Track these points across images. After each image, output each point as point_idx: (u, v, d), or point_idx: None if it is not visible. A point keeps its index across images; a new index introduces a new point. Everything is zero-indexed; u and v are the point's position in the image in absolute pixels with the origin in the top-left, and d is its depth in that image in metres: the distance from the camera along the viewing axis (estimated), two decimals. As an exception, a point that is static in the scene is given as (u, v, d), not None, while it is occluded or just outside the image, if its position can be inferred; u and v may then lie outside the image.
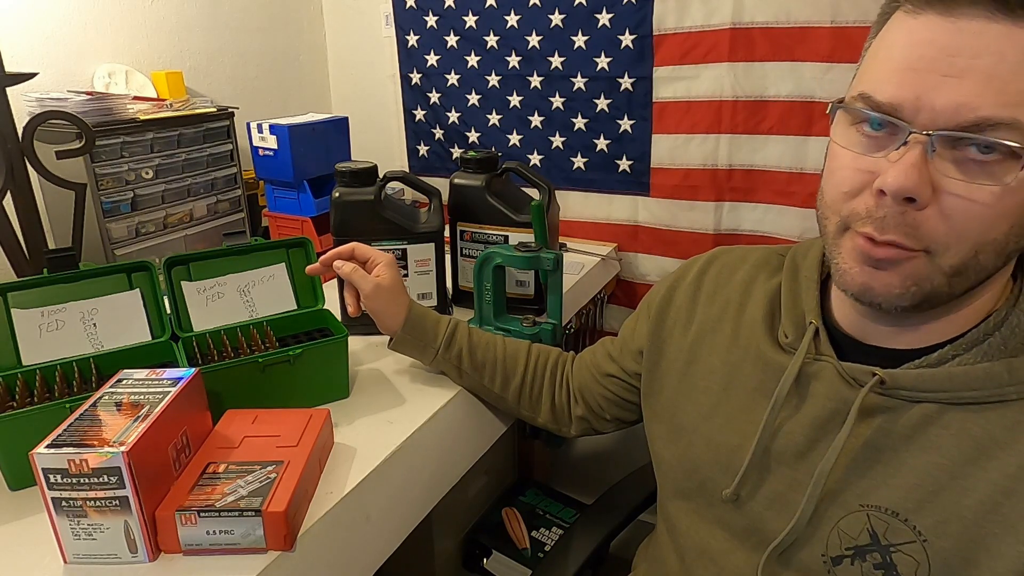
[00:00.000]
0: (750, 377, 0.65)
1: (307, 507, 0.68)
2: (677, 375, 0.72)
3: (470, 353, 0.89)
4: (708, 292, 0.73)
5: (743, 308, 0.69)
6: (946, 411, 0.53)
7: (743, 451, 0.62)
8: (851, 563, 0.54)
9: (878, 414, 0.55)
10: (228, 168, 1.66)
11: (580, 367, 0.89)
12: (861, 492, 0.55)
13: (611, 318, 1.69)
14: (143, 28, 1.61)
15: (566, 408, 0.89)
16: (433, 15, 1.67)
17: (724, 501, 0.63)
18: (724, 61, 1.36)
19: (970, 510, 0.50)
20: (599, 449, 1.80)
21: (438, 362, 0.91)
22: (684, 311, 0.74)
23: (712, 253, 0.77)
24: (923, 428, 0.53)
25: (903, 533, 0.52)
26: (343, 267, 0.88)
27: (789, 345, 0.62)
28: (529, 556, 1.41)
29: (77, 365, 0.80)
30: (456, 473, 0.92)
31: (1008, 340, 0.51)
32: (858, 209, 0.51)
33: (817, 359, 0.60)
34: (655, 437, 0.75)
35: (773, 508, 0.60)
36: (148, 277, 0.89)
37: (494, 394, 0.91)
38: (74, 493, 0.58)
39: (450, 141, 1.77)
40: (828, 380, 0.58)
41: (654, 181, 1.52)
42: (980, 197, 0.46)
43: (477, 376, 0.90)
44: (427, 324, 0.90)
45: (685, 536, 0.69)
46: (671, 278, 0.78)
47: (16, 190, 1.11)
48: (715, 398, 0.67)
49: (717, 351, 0.69)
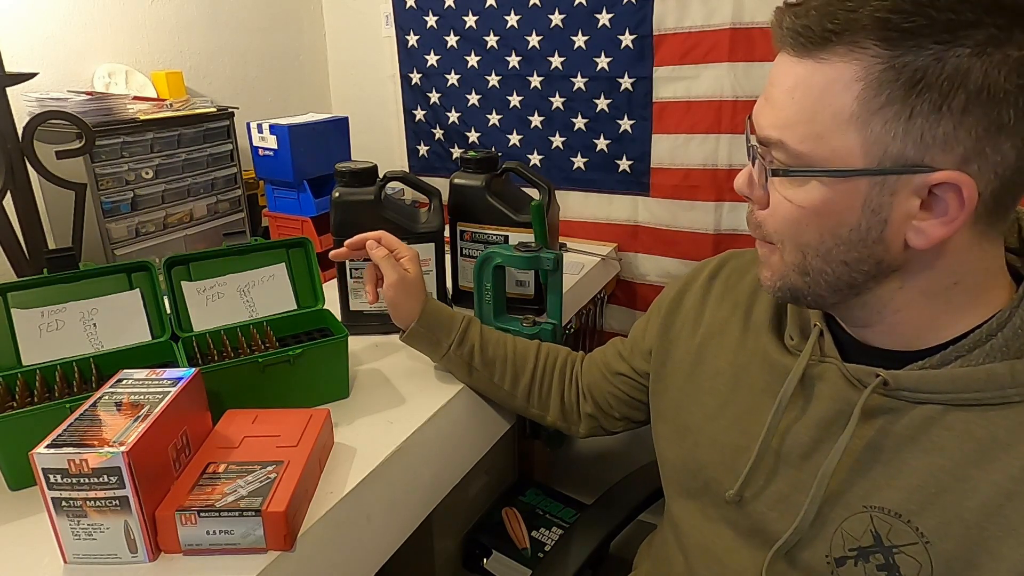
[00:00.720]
0: (756, 379, 0.65)
1: (307, 507, 0.68)
2: (684, 376, 0.73)
3: (481, 349, 0.90)
4: (717, 295, 0.74)
5: (751, 311, 0.70)
6: (949, 412, 0.53)
7: (748, 452, 0.62)
8: (855, 564, 0.55)
9: (881, 415, 0.56)
10: (228, 168, 1.66)
11: (590, 365, 0.90)
12: (864, 493, 0.55)
13: (611, 318, 1.69)
14: (143, 28, 1.61)
15: (575, 406, 0.90)
16: (433, 15, 1.67)
17: (728, 501, 0.63)
18: (724, 61, 1.36)
19: (972, 512, 0.50)
20: (599, 449, 1.81)
21: (449, 358, 0.91)
22: (693, 313, 0.75)
23: (723, 256, 0.78)
24: (926, 429, 0.53)
25: (906, 534, 0.52)
26: (377, 250, 0.89)
27: (795, 347, 0.63)
28: (529, 556, 1.41)
29: (77, 365, 0.80)
30: (456, 473, 0.92)
31: (1011, 342, 0.52)
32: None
33: (822, 360, 0.60)
34: (660, 437, 0.76)
35: (777, 509, 0.60)
36: (148, 277, 0.89)
37: (503, 392, 0.91)
38: (74, 493, 0.58)
39: (450, 141, 1.77)
40: (832, 381, 0.59)
41: (654, 181, 1.52)
42: (777, 202, 0.55)
43: (487, 373, 0.90)
44: (442, 319, 0.91)
45: (689, 535, 0.69)
46: (682, 280, 0.79)
47: (16, 190, 1.11)
48: (721, 399, 0.68)
49: (724, 353, 0.70)
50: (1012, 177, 0.48)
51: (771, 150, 0.53)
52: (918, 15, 0.44)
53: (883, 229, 0.51)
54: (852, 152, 0.49)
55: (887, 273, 0.53)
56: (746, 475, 0.62)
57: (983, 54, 0.44)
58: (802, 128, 0.50)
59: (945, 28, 0.44)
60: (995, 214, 0.50)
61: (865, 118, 0.48)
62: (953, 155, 0.46)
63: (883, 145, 0.48)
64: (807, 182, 0.52)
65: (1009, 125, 0.45)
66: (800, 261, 0.55)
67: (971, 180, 0.46)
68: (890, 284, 0.54)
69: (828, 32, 0.47)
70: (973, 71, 0.44)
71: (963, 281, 0.53)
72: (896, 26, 0.45)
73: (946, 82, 0.45)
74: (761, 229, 0.58)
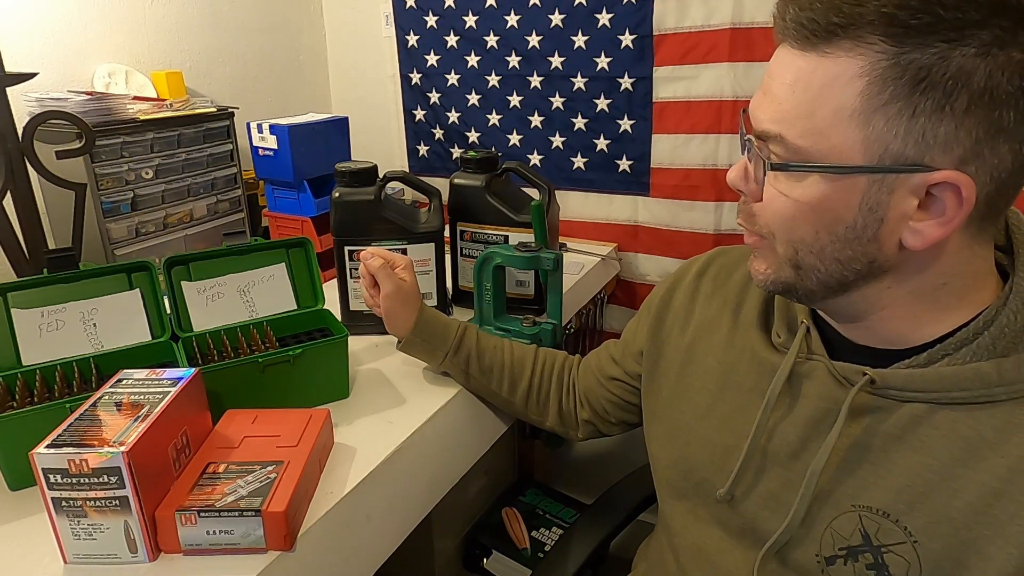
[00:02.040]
0: (745, 377, 0.65)
1: (307, 507, 0.68)
2: (675, 375, 0.73)
3: (478, 357, 0.90)
4: (706, 292, 0.74)
5: (740, 309, 0.69)
6: (936, 411, 0.53)
7: (738, 451, 0.62)
8: (844, 563, 0.55)
9: (868, 413, 0.56)
10: (228, 168, 1.66)
11: (585, 371, 0.89)
12: (852, 492, 0.55)
13: (611, 318, 1.69)
14: (143, 28, 1.61)
15: (573, 412, 0.90)
16: (433, 15, 1.67)
17: (719, 501, 0.63)
18: (724, 61, 1.36)
19: (960, 512, 0.50)
20: (599, 449, 1.80)
21: (446, 365, 0.91)
22: (683, 311, 0.75)
23: (711, 254, 0.78)
24: (913, 428, 0.53)
25: (894, 534, 0.53)
26: (373, 261, 0.89)
27: (782, 345, 0.63)
28: (529, 556, 1.41)
29: (77, 365, 0.80)
30: (456, 473, 0.92)
31: (997, 340, 0.51)
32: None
33: (809, 358, 0.60)
34: (653, 437, 0.75)
35: (768, 508, 0.60)
36: (148, 277, 0.89)
37: (501, 398, 0.91)
38: (74, 493, 0.58)
39: (450, 141, 1.77)
40: (820, 380, 0.59)
41: (654, 181, 1.52)
42: (771, 196, 0.54)
43: (484, 380, 0.91)
44: (437, 328, 0.91)
45: (681, 536, 0.69)
46: (670, 279, 0.79)
47: (16, 190, 1.11)
48: (711, 398, 0.68)
49: (713, 351, 0.69)
50: (1007, 180, 0.48)
51: (768, 144, 0.53)
52: (925, 12, 0.44)
53: (879, 228, 0.50)
54: (852, 148, 0.49)
55: (878, 273, 0.53)
56: (736, 474, 0.62)
57: (987, 55, 0.44)
58: (802, 123, 0.50)
59: (952, 26, 0.44)
60: (987, 218, 0.50)
61: (867, 115, 0.47)
62: (952, 156, 0.46)
63: (884, 143, 0.48)
64: (805, 177, 0.51)
65: (1008, 128, 0.45)
66: (792, 256, 0.55)
67: (970, 180, 0.46)
68: (879, 283, 0.54)
69: (833, 26, 0.47)
70: (977, 72, 0.44)
71: (951, 282, 0.53)
72: (903, 22, 0.45)
73: (950, 81, 0.44)
74: (754, 222, 0.57)
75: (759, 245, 0.58)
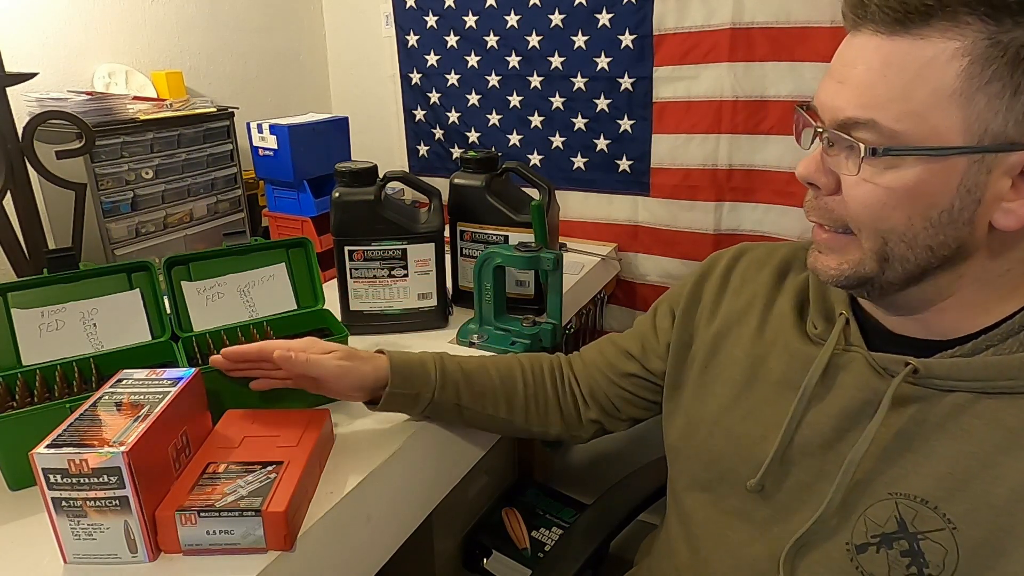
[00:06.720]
0: (773, 370, 0.65)
1: (307, 507, 0.68)
2: (699, 367, 0.73)
3: (467, 383, 0.82)
4: (735, 286, 0.74)
5: (772, 302, 0.69)
6: (979, 400, 0.53)
7: (767, 442, 0.62)
8: (876, 551, 0.54)
9: (911, 403, 0.56)
10: (228, 168, 1.66)
11: (588, 368, 0.86)
12: (890, 480, 0.55)
13: (611, 318, 1.69)
14: (143, 28, 1.61)
15: (576, 414, 0.85)
16: (433, 15, 1.67)
17: (748, 492, 0.63)
18: (724, 61, 1.36)
19: (1001, 499, 0.50)
20: (599, 449, 1.80)
21: (433, 406, 0.80)
22: (711, 305, 0.75)
23: (739, 248, 0.78)
24: (955, 417, 0.53)
25: (932, 521, 0.52)
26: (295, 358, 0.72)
27: (818, 336, 0.63)
28: (529, 556, 1.41)
29: (77, 365, 0.80)
30: (456, 473, 0.92)
31: None
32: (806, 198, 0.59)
33: (847, 349, 0.60)
34: (672, 428, 0.75)
35: (799, 498, 0.60)
36: (148, 277, 0.89)
37: (500, 420, 0.84)
38: (74, 493, 0.58)
39: (450, 141, 1.77)
40: (857, 371, 0.59)
41: (654, 181, 1.52)
42: (859, 186, 0.52)
43: (479, 407, 0.82)
44: (413, 368, 0.80)
45: (702, 527, 0.69)
46: (697, 274, 0.78)
47: (16, 190, 1.11)
48: (737, 390, 0.68)
49: (741, 343, 0.69)
50: None
51: (852, 133, 0.51)
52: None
53: (975, 209, 0.50)
54: (952, 130, 0.48)
55: (962, 258, 0.53)
56: (767, 465, 0.61)
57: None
58: (897, 106, 0.49)
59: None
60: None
61: (969, 95, 0.47)
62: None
63: (985, 122, 0.47)
64: (900, 163, 0.50)
65: None
66: (880, 248, 0.53)
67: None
68: (955, 271, 0.54)
69: (927, 7, 0.47)
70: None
71: (1014, 269, 0.53)
72: (1001, 1, 0.45)
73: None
74: (831, 217, 0.56)
75: (835, 241, 0.56)
